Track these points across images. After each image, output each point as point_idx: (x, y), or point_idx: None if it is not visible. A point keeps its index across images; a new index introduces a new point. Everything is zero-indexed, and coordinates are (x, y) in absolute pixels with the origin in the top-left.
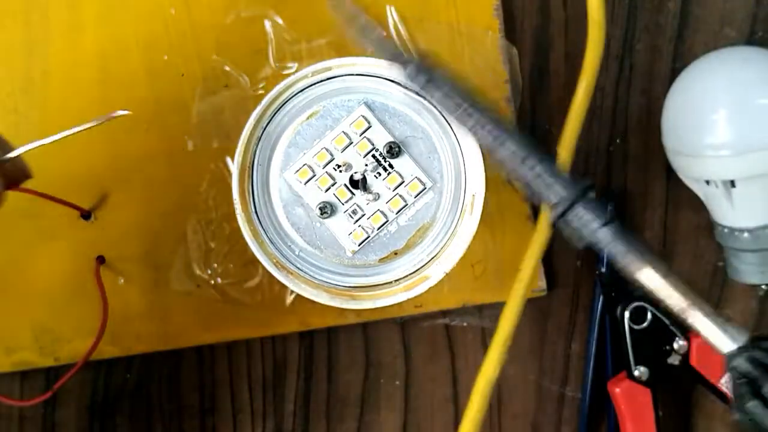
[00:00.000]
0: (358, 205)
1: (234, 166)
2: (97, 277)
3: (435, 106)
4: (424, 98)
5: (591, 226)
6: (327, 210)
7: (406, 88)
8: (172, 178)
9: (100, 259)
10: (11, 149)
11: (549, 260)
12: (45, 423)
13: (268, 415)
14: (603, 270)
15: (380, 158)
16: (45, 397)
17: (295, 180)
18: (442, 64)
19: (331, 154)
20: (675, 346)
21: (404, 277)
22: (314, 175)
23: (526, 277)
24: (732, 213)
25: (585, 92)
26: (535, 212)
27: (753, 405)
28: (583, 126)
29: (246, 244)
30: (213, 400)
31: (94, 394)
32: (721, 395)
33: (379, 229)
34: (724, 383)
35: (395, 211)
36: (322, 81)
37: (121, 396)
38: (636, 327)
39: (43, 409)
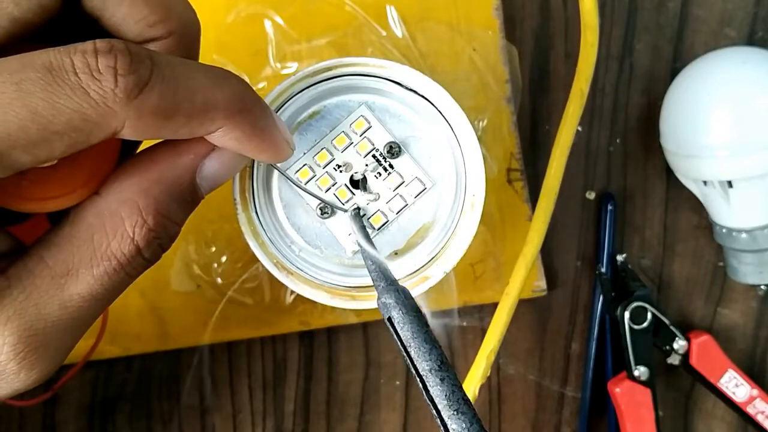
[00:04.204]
0: (358, 206)
1: None
2: None
3: (439, 109)
4: (424, 98)
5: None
6: (327, 210)
7: (407, 88)
8: None
9: None
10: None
11: (549, 260)
12: (45, 423)
13: (268, 415)
14: (603, 270)
15: (380, 158)
16: (45, 397)
17: (296, 180)
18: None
19: (332, 154)
20: (675, 346)
21: (405, 277)
22: (314, 175)
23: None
24: (730, 213)
25: (577, 106)
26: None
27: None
28: (584, 126)
29: (246, 244)
30: (213, 400)
31: (94, 394)
32: (721, 395)
33: (379, 229)
34: (724, 383)
35: (395, 211)
36: (322, 81)
37: (121, 396)
38: (636, 327)
39: (43, 409)
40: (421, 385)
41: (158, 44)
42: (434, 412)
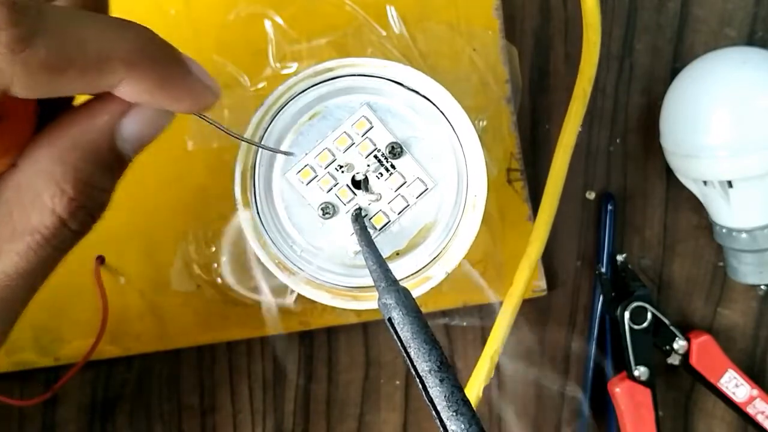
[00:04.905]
0: (360, 206)
1: (236, 167)
2: (97, 277)
3: (440, 110)
4: (426, 99)
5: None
6: (329, 210)
7: (409, 89)
8: (172, 177)
9: (100, 259)
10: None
11: (549, 260)
12: (45, 423)
13: (268, 415)
14: (603, 270)
15: (382, 159)
16: (45, 397)
17: (297, 180)
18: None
19: (333, 155)
20: (675, 346)
21: (406, 278)
22: (316, 176)
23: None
24: (730, 213)
25: (581, 101)
26: (536, 213)
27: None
28: (584, 126)
29: (246, 243)
30: (213, 400)
31: (94, 394)
32: (721, 395)
33: (381, 229)
34: (724, 383)
35: (397, 211)
36: (323, 81)
37: (121, 396)
38: (636, 327)
39: (43, 409)
40: (420, 385)
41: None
42: (433, 412)
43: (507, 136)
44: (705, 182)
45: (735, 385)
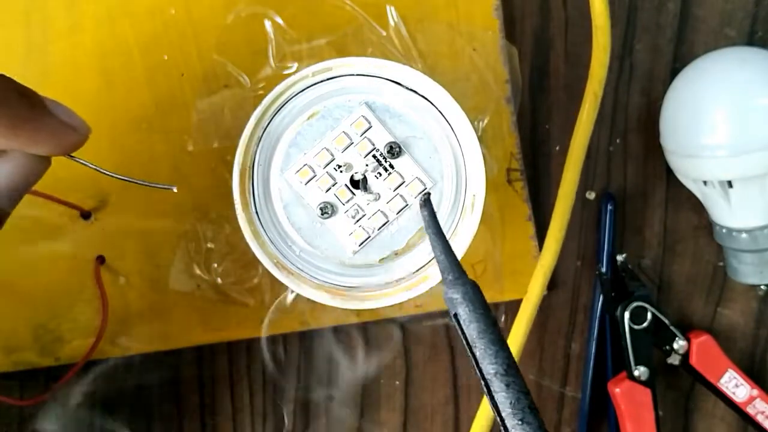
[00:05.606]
0: (358, 206)
1: (235, 167)
2: (97, 277)
3: (439, 109)
4: (430, 101)
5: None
6: (328, 210)
7: (408, 88)
8: (172, 178)
9: (100, 259)
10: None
11: None
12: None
13: (268, 415)
14: (603, 270)
15: (381, 158)
16: (45, 397)
17: (296, 180)
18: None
19: (332, 155)
20: (675, 346)
21: (405, 277)
22: (315, 176)
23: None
24: (730, 213)
25: (592, 102)
26: (535, 213)
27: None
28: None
29: (246, 244)
30: (213, 400)
31: (94, 394)
32: (721, 395)
33: (379, 229)
34: (724, 383)
35: (396, 211)
36: (322, 81)
37: (121, 396)
38: (636, 327)
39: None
40: (485, 389)
41: None
42: (498, 419)
43: (507, 136)
44: (705, 182)
45: (735, 385)
